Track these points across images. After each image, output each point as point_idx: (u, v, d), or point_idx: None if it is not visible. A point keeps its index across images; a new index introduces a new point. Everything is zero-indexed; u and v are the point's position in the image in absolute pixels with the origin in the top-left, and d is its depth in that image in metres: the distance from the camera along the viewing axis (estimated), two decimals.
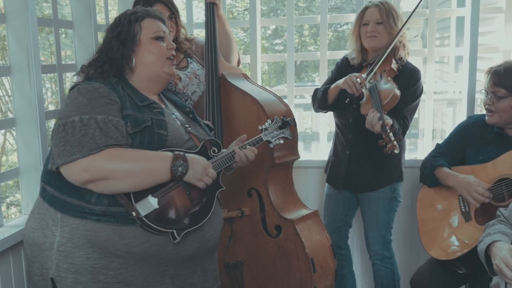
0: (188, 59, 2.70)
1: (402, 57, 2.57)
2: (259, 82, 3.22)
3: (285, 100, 3.07)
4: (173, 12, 2.63)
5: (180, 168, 1.75)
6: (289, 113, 2.53)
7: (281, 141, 2.16)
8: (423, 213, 2.50)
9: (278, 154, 2.43)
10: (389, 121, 2.27)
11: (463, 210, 2.35)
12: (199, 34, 3.37)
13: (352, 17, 2.98)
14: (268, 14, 9.79)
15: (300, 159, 2.64)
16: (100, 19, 3.34)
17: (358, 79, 2.43)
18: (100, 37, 2.71)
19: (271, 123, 2.16)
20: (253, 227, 2.49)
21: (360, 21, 2.59)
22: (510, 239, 1.80)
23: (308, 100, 3.15)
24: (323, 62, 3.15)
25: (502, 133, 2.35)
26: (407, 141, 3.21)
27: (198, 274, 1.93)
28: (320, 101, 2.67)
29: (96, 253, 1.74)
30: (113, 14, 3.54)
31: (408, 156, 3.07)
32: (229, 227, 2.55)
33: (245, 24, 3.31)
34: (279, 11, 9.58)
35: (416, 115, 2.73)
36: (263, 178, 2.44)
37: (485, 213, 2.26)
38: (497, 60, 2.93)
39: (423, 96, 2.71)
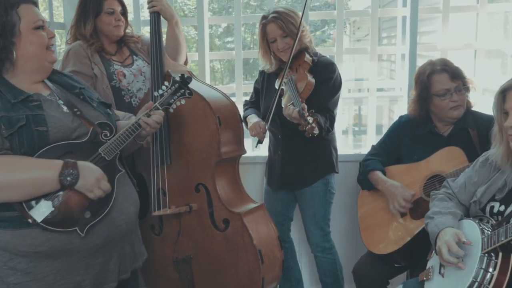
0: (134, 56, 2.72)
1: (316, 52, 2.67)
2: (208, 80, 3.25)
3: (234, 98, 3.12)
4: (125, 8, 2.64)
5: (69, 178, 1.69)
6: (234, 109, 2.58)
7: (182, 102, 2.06)
8: (363, 210, 2.61)
9: (225, 150, 2.47)
10: (303, 104, 2.32)
11: None
12: (144, 31, 3.37)
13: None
14: (220, 12, 9.80)
15: (248, 155, 2.69)
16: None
17: (260, 126, 2.58)
18: None
19: (168, 86, 2.03)
20: (201, 222, 2.52)
21: (265, 39, 2.64)
22: (458, 219, 1.93)
23: None
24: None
25: (434, 131, 2.45)
26: (352, 137, 3.31)
27: (114, 261, 1.92)
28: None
29: (1, 256, 1.72)
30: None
31: (353, 150, 3.18)
32: (178, 222, 2.57)
33: (194, 22, 3.33)
34: (230, 9, 9.62)
35: (363, 112, 2.83)
36: (210, 173, 2.47)
37: (419, 208, 2.37)
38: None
39: (364, 93, 2.81)
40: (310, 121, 2.26)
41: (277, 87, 2.63)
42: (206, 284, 2.55)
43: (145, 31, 3.29)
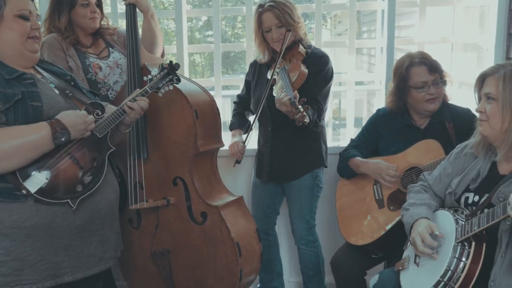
0: (110, 48, 2.69)
1: (310, 44, 2.66)
2: (187, 73, 3.23)
3: (212, 92, 3.12)
4: (99, 0, 2.61)
5: (63, 139, 1.80)
6: (211, 102, 2.58)
7: (170, 87, 2.17)
8: (341, 202, 2.62)
9: (202, 143, 2.47)
10: (295, 92, 2.32)
11: (377, 198, 2.47)
12: (122, 24, 3.34)
13: None
14: (200, 5, 9.75)
15: (227, 148, 2.69)
16: None
17: (239, 147, 2.66)
18: None
19: (158, 71, 2.14)
20: (179, 215, 2.52)
21: (261, 28, 2.61)
22: (432, 210, 1.96)
23: (236, 91, 3.21)
24: (249, 53, 3.20)
25: (411, 124, 2.47)
26: (331, 131, 3.33)
27: (95, 245, 1.98)
28: None
29: None
30: None
31: (332, 143, 3.19)
32: (155, 216, 2.56)
33: (173, 14, 3.31)
34: (210, 3, 9.53)
35: (343, 106, 2.84)
36: (187, 166, 2.46)
37: (396, 200, 2.39)
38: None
39: (344, 87, 2.82)
40: (301, 110, 2.25)
41: (269, 78, 2.61)
42: (185, 277, 2.55)
43: (123, 24, 3.25)
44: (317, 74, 2.57)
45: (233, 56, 10.00)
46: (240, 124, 2.88)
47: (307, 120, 2.27)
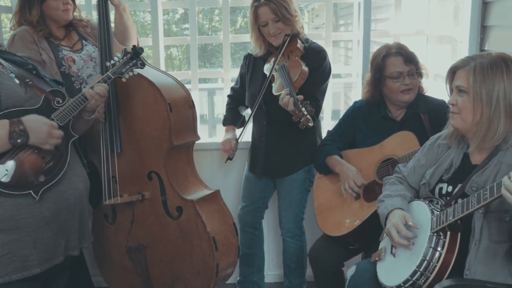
0: (84, 41, 2.63)
1: (307, 38, 2.62)
2: (163, 66, 3.19)
3: (189, 85, 3.08)
4: None
5: (19, 140, 1.77)
6: (186, 95, 2.55)
7: (135, 72, 2.15)
8: (318, 194, 2.61)
9: (177, 137, 2.44)
10: (300, 96, 2.29)
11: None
12: (96, 16, 3.27)
13: None
14: None
15: (205, 141, 2.66)
16: None
17: (231, 144, 2.66)
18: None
19: (120, 56, 2.12)
20: (154, 210, 2.49)
21: (257, 22, 2.55)
22: (407, 200, 1.96)
23: (214, 85, 3.18)
24: (226, 46, 3.17)
25: (387, 116, 2.47)
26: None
27: (62, 235, 1.96)
28: None
29: None
30: None
31: None
32: (130, 211, 2.53)
33: (147, 6, 3.25)
34: None
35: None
36: (162, 160, 2.44)
37: (372, 191, 2.40)
38: None
39: None
40: (305, 113, 2.22)
41: (266, 72, 2.57)
42: (161, 272, 2.53)
43: (95, 16, 3.19)
44: (315, 70, 2.53)
45: (211, 50, 9.96)
46: (233, 120, 2.85)
47: (311, 124, 2.23)
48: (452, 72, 1.85)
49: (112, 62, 2.10)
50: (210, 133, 4.39)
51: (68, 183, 1.93)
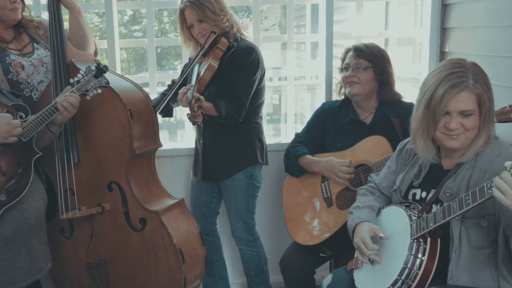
0: (35, 44, 2.44)
1: (238, 37, 2.59)
2: (118, 70, 3.04)
3: (147, 88, 2.96)
4: None
5: None
6: (147, 100, 2.43)
7: (99, 91, 2.07)
8: (288, 200, 2.55)
9: (138, 144, 2.31)
10: (196, 94, 2.29)
11: (325, 196, 2.42)
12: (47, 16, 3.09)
13: None
14: None
15: (165, 148, 2.55)
16: None
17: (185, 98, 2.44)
18: None
19: (85, 73, 2.04)
20: (115, 222, 2.35)
21: (185, 24, 2.58)
22: (375, 211, 1.93)
23: None
24: (184, 48, 3.06)
25: (356, 119, 2.45)
26: (271, 126, 3.26)
27: (24, 257, 1.88)
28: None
29: None
30: None
31: (272, 140, 3.13)
32: (89, 224, 2.38)
33: (101, 7, 3.09)
34: None
35: (277, 101, 2.77)
36: (123, 170, 2.30)
37: (345, 198, 2.36)
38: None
39: (284, 82, 2.75)
40: (195, 110, 2.23)
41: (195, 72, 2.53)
42: None
43: (46, 16, 3.01)
44: (238, 67, 2.50)
45: (160, 52, 9.75)
46: (156, 103, 2.69)
47: (198, 120, 2.26)
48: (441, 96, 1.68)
49: (76, 79, 2.02)
50: (171, 138, 4.26)
51: (29, 201, 1.84)
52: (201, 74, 2.46)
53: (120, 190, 2.33)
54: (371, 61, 2.38)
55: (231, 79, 2.48)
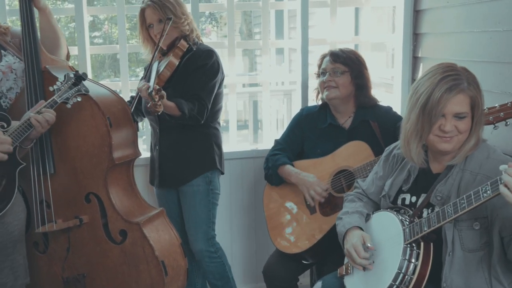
0: (2, 51, 2.34)
1: (197, 41, 2.58)
2: (90, 76, 2.94)
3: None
4: None
5: None
6: (125, 107, 2.36)
7: (79, 99, 2.03)
8: (270, 208, 2.52)
9: (118, 154, 2.24)
10: (156, 86, 2.25)
11: (307, 203, 2.39)
12: (13, 23, 2.97)
13: None
14: (91, 3, 9.20)
15: (142, 156, 2.47)
16: None
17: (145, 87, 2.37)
18: None
19: (63, 81, 2.00)
20: (94, 235, 2.26)
21: (144, 24, 2.55)
22: (364, 217, 1.92)
23: None
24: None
25: (335, 123, 2.45)
26: (246, 131, 3.23)
27: (6, 272, 1.84)
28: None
29: None
30: None
31: (250, 146, 3.10)
32: (66, 238, 2.28)
33: (71, 12, 3.00)
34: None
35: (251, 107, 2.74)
36: (102, 180, 2.22)
37: (329, 204, 2.34)
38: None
39: (259, 88, 2.73)
40: (156, 100, 2.19)
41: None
42: None
43: (13, 23, 2.89)
44: (199, 68, 2.48)
45: (119, 59, 9.59)
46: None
47: (159, 110, 2.21)
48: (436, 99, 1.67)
49: (56, 87, 1.96)
50: (146, 146, 4.15)
51: (12, 213, 1.78)
52: (161, 69, 2.44)
53: (99, 201, 2.24)
54: (348, 65, 2.39)
55: (191, 81, 2.46)
